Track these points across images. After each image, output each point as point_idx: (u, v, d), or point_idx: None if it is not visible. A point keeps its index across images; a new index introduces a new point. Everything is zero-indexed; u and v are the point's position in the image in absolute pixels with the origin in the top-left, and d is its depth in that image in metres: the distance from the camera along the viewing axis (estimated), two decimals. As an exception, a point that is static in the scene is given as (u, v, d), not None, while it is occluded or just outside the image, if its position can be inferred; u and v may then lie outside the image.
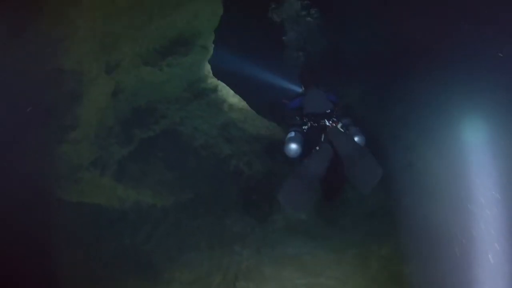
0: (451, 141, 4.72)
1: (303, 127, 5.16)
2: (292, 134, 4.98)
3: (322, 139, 4.94)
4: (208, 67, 6.51)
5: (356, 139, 4.88)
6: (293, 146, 4.83)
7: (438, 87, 5.10)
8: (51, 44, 4.80)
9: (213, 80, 6.63)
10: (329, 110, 5.14)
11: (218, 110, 6.72)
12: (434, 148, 5.08)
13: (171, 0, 5.64)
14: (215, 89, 6.65)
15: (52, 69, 5.07)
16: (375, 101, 6.45)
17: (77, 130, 5.69)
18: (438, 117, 5.05)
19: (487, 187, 4.16)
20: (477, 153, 4.34)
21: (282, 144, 5.05)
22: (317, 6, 6.93)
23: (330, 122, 5.01)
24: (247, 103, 6.81)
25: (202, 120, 6.66)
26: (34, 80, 4.90)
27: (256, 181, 6.60)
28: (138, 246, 6.18)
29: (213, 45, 6.36)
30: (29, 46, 4.61)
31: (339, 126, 4.95)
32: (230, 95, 6.69)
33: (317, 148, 4.79)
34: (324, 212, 6.16)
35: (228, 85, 6.66)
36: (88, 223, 6.12)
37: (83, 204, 6.12)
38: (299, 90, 5.83)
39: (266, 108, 6.98)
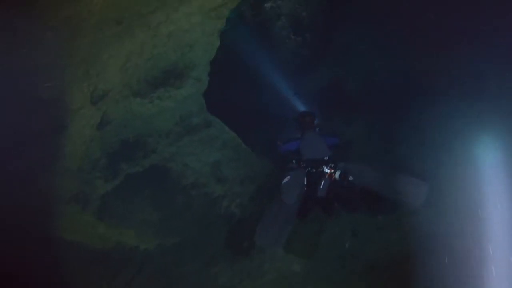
0: (461, 179, 4.24)
1: None
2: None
3: (321, 186, 4.94)
4: (202, 101, 6.22)
5: None
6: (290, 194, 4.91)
7: (444, 121, 4.70)
8: (29, 72, 4.65)
9: (206, 115, 6.31)
10: (327, 157, 5.14)
11: (210, 147, 6.37)
12: (444, 190, 4.53)
13: (164, 30, 5.48)
14: (208, 125, 6.32)
15: (31, 99, 4.89)
16: (379, 137, 5.97)
17: (60, 162, 5.46)
18: (447, 155, 4.58)
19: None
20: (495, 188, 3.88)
21: (278, 187, 4.98)
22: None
23: (328, 168, 5.00)
24: (242, 140, 6.41)
25: (194, 157, 6.29)
26: (11, 110, 4.73)
27: (248, 225, 6.03)
28: (116, 293, 5.67)
29: (208, 78, 6.10)
30: (3, 73, 4.48)
31: (337, 174, 4.93)
32: (224, 131, 6.33)
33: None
34: (319, 264, 5.44)
35: (222, 120, 6.32)
36: (66, 262, 5.71)
37: (62, 241, 5.75)
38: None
39: (262, 147, 6.54)
